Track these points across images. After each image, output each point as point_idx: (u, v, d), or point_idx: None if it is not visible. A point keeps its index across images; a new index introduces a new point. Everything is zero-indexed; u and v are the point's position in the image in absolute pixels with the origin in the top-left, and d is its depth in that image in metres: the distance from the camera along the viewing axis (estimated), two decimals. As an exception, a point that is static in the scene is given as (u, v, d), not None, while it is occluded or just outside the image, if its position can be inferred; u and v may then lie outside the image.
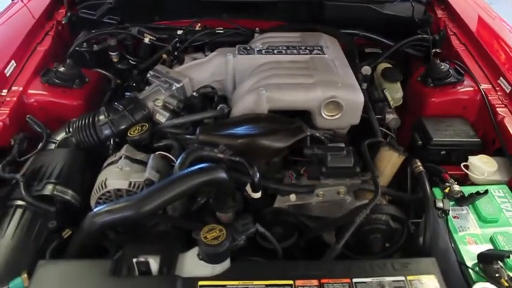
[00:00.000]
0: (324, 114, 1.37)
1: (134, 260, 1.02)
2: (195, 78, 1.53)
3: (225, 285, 0.98)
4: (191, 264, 1.06)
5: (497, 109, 1.45)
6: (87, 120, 1.39)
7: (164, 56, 1.68)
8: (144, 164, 1.27)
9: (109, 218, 1.09)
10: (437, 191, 1.31)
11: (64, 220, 1.22)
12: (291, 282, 0.97)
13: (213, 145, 1.25)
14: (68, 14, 1.81)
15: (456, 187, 1.27)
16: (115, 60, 1.80)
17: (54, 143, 1.41)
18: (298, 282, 0.97)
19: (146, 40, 1.77)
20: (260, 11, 1.85)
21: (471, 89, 1.55)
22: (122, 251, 1.07)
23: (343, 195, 1.26)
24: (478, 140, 1.45)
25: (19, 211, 1.19)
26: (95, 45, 1.78)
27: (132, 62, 1.80)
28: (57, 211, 1.21)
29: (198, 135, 1.29)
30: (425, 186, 1.26)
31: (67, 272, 1.03)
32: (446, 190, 1.27)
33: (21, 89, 1.47)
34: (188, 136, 1.34)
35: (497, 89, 1.53)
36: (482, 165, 1.37)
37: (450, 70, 1.60)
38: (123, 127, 1.39)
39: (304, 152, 1.26)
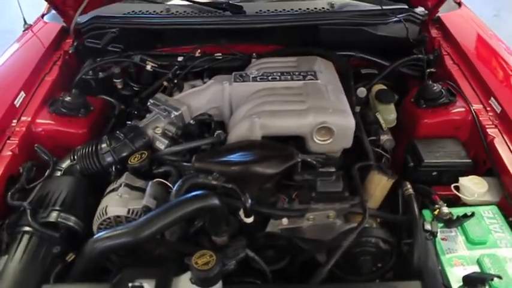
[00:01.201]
0: (316, 139, 1.42)
1: (130, 284, 1.08)
2: (193, 105, 1.59)
3: (211, 308, 1.04)
4: (185, 287, 1.12)
5: (488, 130, 1.48)
6: (90, 149, 1.47)
7: (165, 83, 1.75)
8: (143, 191, 1.34)
9: (108, 243, 1.16)
10: (427, 213, 1.34)
11: (68, 245, 1.29)
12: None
13: (207, 172, 1.31)
14: (75, 44, 1.90)
15: (445, 209, 1.30)
16: (119, 87, 1.87)
17: (60, 170, 1.49)
18: (284, 305, 1.02)
19: (148, 67, 1.85)
20: (258, 36, 1.91)
21: (463, 109, 1.58)
22: (119, 275, 1.14)
23: (333, 219, 1.30)
24: (469, 161, 1.48)
25: (26, 237, 1.26)
26: (100, 73, 1.86)
27: (135, 89, 1.87)
28: (61, 236, 1.28)
29: (194, 162, 1.35)
30: (414, 209, 1.29)
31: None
32: (436, 212, 1.31)
33: (29, 119, 1.56)
34: (185, 163, 1.40)
35: (488, 109, 1.55)
36: (472, 186, 1.40)
37: (443, 91, 1.63)
38: (124, 155, 1.46)
39: (294, 178, 1.31)
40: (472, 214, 1.27)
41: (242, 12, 1.92)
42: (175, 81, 1.72)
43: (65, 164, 1.50)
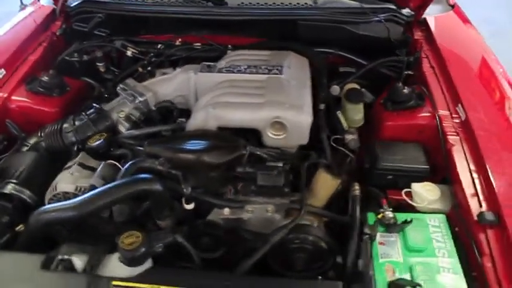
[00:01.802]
0: (269, 134, 1.43)
1: (59, 256, 1.14)
2: (160, 92, 1.64)
3: (134, 287, 1.08)
4: (114, 265, 1.17)
5: (449, 136, 1.44)
6: (55, 127, 1.53)
7: (140, 69, 1.79)
8: (95, 170, 1.39)
9: (53, 216, 1.22)
10: (371, 216, 1.33)
11: (20, 216, 1.36)
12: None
13: (156, 157, 1.34)
14: (63, 26, 1.97)
15: (389, 214, 1.28)
16: (102, 70, 1.93)
17: (27, 146, 1.56)
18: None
19: (129, 53, 1.89)
20: (239, 28, 1.92)
21: (428, 114, 1.54)
22: (56, 249, 1.20)
23: (272, 213, 1.31)
24: (426, 167, 1.44)
25: (-17, 205, 1.35)
26: (84, 56, 1.93)
27: (116, 73, 1.93)
28: (14, 207, 1.35)
29: (145, 147, 1.39)
30: (356, 210, 1.29)
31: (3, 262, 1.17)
32: (379, 216, 1.29)
33: (5, 95, 1.64)
34: (138, 148, 1.44)
35: (455, 116, 1.51)
36: (423, 193, 1.37)
37: (413, 94, 1.60)
38: (86, 135, 1.51)
39: (237, 170, 1.33)
40: (411, 221, 1.25)
41: (224, 4, 1.93)
42: (149, 68, 1.76)
43: (33, 140, 1.57)
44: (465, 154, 1.38)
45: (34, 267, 1.13)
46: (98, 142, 1.45)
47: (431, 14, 1.97)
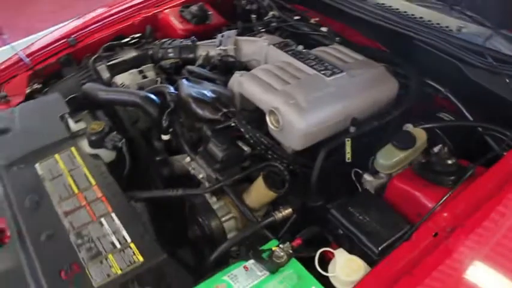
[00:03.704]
0: (268, 121, 1.40)
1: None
2: (243, 50, 1.78)
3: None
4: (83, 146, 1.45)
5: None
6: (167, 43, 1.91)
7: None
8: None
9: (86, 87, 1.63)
10: (274, 243, 1.16)
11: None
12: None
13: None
14: None
15: (284, 256, 1.08)
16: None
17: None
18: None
19: (269, 14, 2.05)
20: (362, 26, 1.78)
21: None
22: None
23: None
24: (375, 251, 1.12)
25: None
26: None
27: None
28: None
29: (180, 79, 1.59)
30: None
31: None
32: (276, 248, 1.12)
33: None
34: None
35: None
36: (342, 270, 1.10)
37: (455, 170, 1.23)
38: (168, 55, 1.84)
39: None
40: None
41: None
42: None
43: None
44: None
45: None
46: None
47: None
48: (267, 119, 1.40)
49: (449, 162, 1.23)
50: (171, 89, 1.53)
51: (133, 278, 1.04)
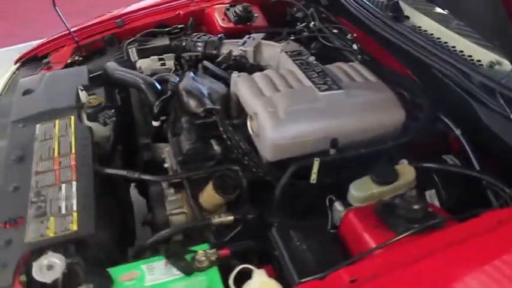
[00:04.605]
0: (248, 125, 1.38)
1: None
2: (264, 53, 1.77)
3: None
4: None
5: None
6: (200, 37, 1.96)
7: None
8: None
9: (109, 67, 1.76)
10: (204, 247, 1.11)
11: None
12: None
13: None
14: None
15: (205, 261, 1.07)
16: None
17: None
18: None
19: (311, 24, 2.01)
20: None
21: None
22: None
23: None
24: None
25: None
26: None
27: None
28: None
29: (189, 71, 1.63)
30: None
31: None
32: (202, 252, 1.09)
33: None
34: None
35: None
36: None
37: (423, 217, 1.08)
38: (197, 49, 1.88)
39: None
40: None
41: (402, 21, 1.66)
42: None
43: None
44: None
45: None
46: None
47: None
48: (248, 123, 1.38)
49: (416, 207, 1.09)
50: (177, 79, 1.58)
51: (60, 242, 1.11)
